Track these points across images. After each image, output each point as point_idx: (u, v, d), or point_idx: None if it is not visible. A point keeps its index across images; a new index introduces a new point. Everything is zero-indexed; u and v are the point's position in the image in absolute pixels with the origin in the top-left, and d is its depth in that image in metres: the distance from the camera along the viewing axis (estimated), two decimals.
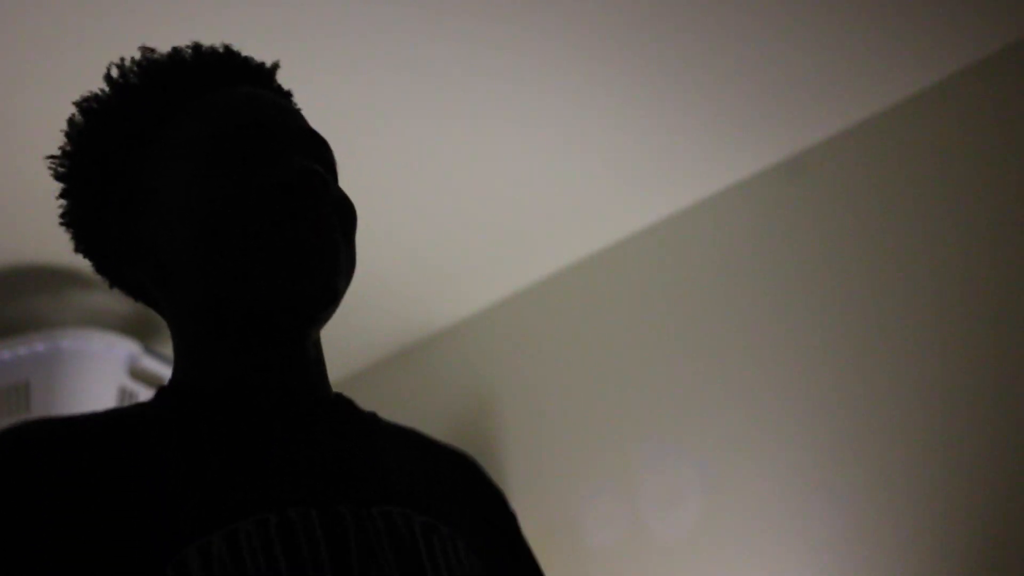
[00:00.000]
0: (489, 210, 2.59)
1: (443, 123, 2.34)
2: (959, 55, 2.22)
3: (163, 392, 1.02)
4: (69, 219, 1.09)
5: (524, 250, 2.73)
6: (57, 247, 2.54)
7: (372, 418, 1.08)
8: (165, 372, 2.51)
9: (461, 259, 2.74)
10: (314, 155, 1.04)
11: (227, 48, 1.09)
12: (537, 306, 2.81)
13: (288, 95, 1.13)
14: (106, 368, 2.64)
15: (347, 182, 1.11)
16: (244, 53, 1.10)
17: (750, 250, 2.48)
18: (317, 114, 1.14)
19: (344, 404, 1.06)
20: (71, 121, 1.07)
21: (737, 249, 2.51)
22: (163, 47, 1.10)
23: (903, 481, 2.13)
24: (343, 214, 1.03)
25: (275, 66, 1.12)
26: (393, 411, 3.23)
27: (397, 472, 1.02)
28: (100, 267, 1.10)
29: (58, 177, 1.08)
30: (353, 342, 2.90)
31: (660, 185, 2.54)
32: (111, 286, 1.10)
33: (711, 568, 2.32)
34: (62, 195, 1.08)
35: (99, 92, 1.07)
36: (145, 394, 2.57)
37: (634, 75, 2.24)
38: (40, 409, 2.55)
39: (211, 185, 0.98)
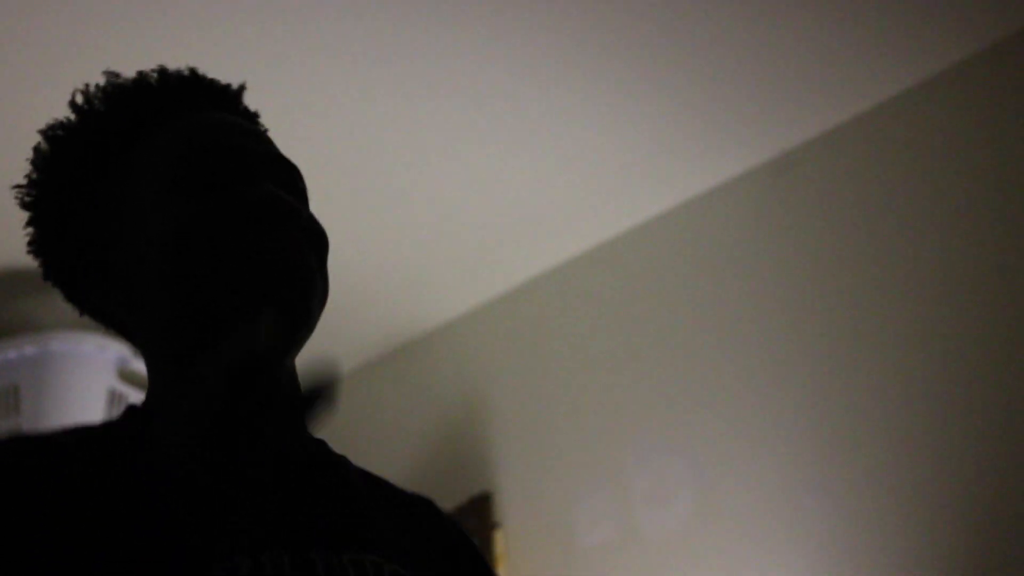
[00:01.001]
0: (478, 210, 2.59)
1: (430, 123, 2.34)
2: (945, 53, 2.23)
3: (133, 414, 1.00)
4: (36, 248, 1.07)
5: (513, 250, 2.73)
6: None
7: (343, 463, 1.05)
8: None
9: (450, 259, 2.74)
10: (282, 180, 1.02)
11: (193, 72, 1.07)
12: (527, 306, 2.81)
13: (255, 117, 1.11)
14: (96, 371, 2.63)
15: (337, 184, 1.11)
16: (209, 76, 1.08)
17: (738, 249, 2.49)
18: (307, 115, 1.13)
19: (318, 446, 1.04)
20: (36, 149, 1.05)
21: (725, 248, 2.51)
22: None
23: (895, 479, 2.14)
24: (314, 240, 1.01)
25: (241, 88, 1.10)
26: (383, 412, 3.23)
27: (368, 519, 1.00)
28: (69, 295, 1.08)
29: (24, 206, 1.06)
30: (343, 343, 2.90)
31: (648, 184, 2.54)
32: (81, 314, 1.08)
33: (703, 567, 2.32)
34: (29, 223, 1.07)
35: (64, 120, 1.05)
36: (135, 396, 2.56)
37: (621, 76, 2.24)
38: (30, 412, 2.55)
39: (176, 212, 0.97)
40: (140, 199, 1.00)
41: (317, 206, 1.06)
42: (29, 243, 1.08)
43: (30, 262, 1.11)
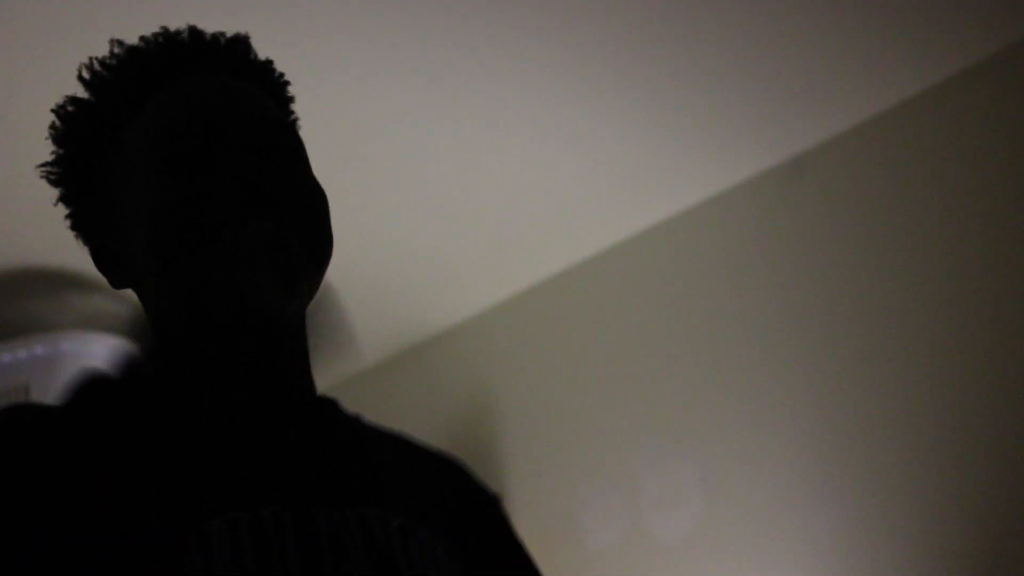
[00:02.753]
0: (489, 212, 2.59)
1: (443, 125, 2.34)
2: (959, 57, 2.22)
3: (140, 383, 1.01)
4: (72, 223, 1.08)
5: (524, 252, 2.73)
6: (57, 250, 2.54)
7: (355, 421, 1.06)
8: None
9: (461, 261, 2.74)
10: (268, 144, 1.00)
11: (192, 32, 1.06)
12: (537, 308, 2.81)
13: (263, 69, 1.08)
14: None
15: (347, 184, 1.10)
16: (212, 32, 1.07)
17: (750, 252, 2.48)
18: (318, 117, 1.12)
19: (327, 405, 1.04)
20: (52, 126, 1.05)
21: (737, 251, 2.51)
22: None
23: (904, 483, 2.13)
24: (305, 203, 0.99)
25: (242, 42, 1.07)
26: (393, 413, 3.23)
27: (377, 475, 1.00)
28: (97, 263, 1.08)
29: (51, 183, 1.07)
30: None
31: (660, 187, 2.54)
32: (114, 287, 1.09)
33: (711, 570, 2.32)
34: (59, 199, 1.08)
35: (73, 96, 1.05)
36: None
37: (634, 77, 2.24)
38: None
39: (157, 195, 0.97)
40: (129, 181, 1.01)
41: (330, 206, 1.05)
42: (66, 217, 1.08)
43: (40, 262, 1.12)
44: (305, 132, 1.08)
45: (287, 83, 1.11)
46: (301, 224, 0.97)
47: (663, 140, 2.40)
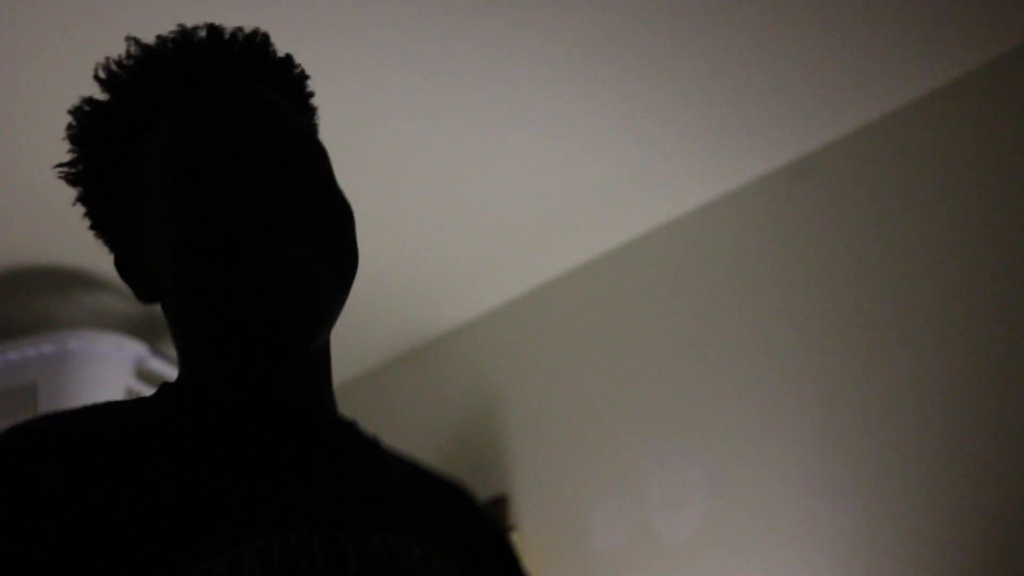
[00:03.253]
0: (496, 212, 2.59)
1: (449, 125, 2.34)
2: (964, 58, 2.22)
3: (167, 391, 1.01)
4: (92, 226, 1.06)
5: (530, 252, 2.73)
6: (65, 248, 2.55)
7: (374, 444, 1.05)
8: (172, 374, 2.51)
9: (467, 261, 2.74)
10: (295, 158, 0.98)
11: (211, 33, 1.03)
12: (543, 308, 2.81)
13: (284, 65, 1.06)
14: (113, 369, 2.65)
15: (354, 184, 1.10)
16: (229, 33, 1.04)
17: (755, 253, 2.48)
18: (324, 115, 1.12)
19: (348, 427, 1.03)
20: (69, 127, 1.03)
21: (742, 252, 2.51)
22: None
23: (910, 484, 2.13)
24: (331, 218, 0.98)
25: (264, 42, 1.05)
26: (399, 413, 3.22)
27: (397, 500, 1.00)
28: (120, 272, 1.07)
29: (70, 183, 1.05)
30: (359, 344, 2.90)
31: (666, 187, 2.54)
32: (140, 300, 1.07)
33: (717, 570, 2.32)
34: (77, 199, 1.06)
35: (91, 97, 1.03)
36: None
37: (639, 79, 2.24)
38: (48, 410, 2.56)
39: (182, 212, 0.95)
40: (149, 193, 0.99)
41: None
42: (85, 216, 1.06)
43: (48, 260, 1.11)
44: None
45: (307, 78, 1.09)
46: (329, 245, 0.96)
47: (669, 141, 2.40)
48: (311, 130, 1.05)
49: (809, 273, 2.39)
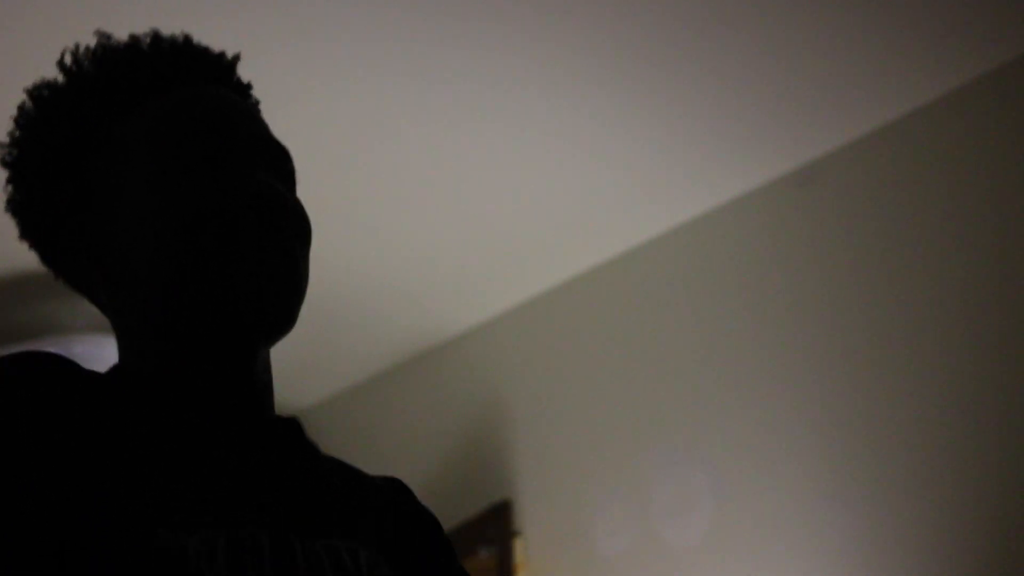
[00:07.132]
0: (501, 218, 2.59)
1: (455, 132, 2.34)
2: (971, 65, 2.22)
3: (118, 376, 1.00)
4: (14, 207, 1.05)
5: (535, 258, 2.73)
6: None
7: (314, 447, 1.05)
8: None
9: (473, 267, 2.74)
10: (274, 166, 1.01)
11: (187, 40, 1.05)
12: (548, 314, 2.81)
13: (247, 89, 1.08)
14: None
15: (361, 189, 1.10)
16: (203, 44, 1.06)
17: (762, 258, 2.48)
18: (332, 120, 1.12)
19: (293, 429, 1.03)
20: (21, 108, 1.03)
21: (748, 258, 2.51)
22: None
23: (915, 490, 2.13)
24: (300, 229, 1.00)
25: (235, 59, 1.07)
26: (405, 417, 3.23)
27: (341, 505, 1.00)
28: (44, 258, 1.06)
29: (4, 164, 1.04)
30: (364, 349, 2.91)
31: (673, 193, 2.54)
32: (56, 278, 1.07)
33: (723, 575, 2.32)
34: (8, 181, 1.04)
35: (52, 80, 1.03)
36: None
37: (646, 85, 2.24)
38: None
39: (170, 198, 0.95)
40: (128, 178, 0.98)
41: (345, 213, 1.05)
42: (7, 202, 1.05)
43: None
44: (319, 136, 1.08)
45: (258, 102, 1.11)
46: (302, 251, 0.99)
47: (676, 147, 2.40)
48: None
49: (816, 279, 2.39)
